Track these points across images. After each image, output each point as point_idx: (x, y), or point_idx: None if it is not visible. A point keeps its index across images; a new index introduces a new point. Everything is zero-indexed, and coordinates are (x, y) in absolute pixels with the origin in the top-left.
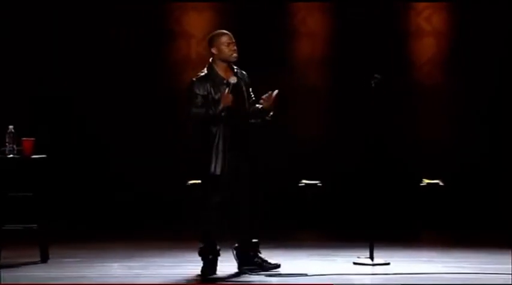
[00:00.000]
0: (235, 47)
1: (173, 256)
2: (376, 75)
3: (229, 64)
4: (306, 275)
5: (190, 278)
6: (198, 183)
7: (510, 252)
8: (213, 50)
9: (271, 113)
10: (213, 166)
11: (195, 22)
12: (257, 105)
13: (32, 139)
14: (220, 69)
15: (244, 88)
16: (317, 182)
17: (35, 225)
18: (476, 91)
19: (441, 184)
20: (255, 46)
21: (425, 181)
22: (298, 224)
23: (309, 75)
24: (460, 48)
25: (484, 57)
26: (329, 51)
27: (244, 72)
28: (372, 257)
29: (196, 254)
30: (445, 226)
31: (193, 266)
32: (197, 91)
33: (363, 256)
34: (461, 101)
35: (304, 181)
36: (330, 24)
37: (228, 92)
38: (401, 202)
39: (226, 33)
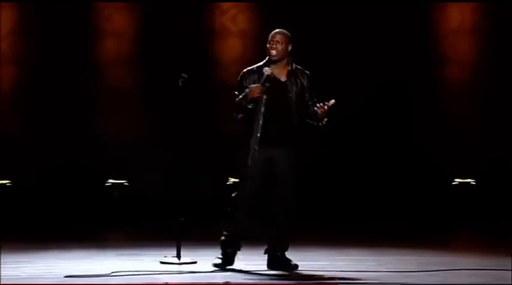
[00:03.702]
0: (274, 45)
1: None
2: (183, 75)
3: (271, 61)
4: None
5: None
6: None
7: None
8: None
9: (326, 119)
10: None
11: None
12: (315, 108)
13: None
14: (273, 65)
15: (295, 86)
16: (124, 181)
17: None
18: None
19: None
20: (61, 45)
21: None
22: (105, 223)
23: (115, 74)
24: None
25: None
26: (135, 50)
27: (307, 72)
28: (179, 256)
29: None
30: None
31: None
32: (243, 83)
33: (170, 255)
34: None
35: (110, 181)
36: (136, 22)
37: (261, 83)
38: (211, 201)
39: (272, 32)
